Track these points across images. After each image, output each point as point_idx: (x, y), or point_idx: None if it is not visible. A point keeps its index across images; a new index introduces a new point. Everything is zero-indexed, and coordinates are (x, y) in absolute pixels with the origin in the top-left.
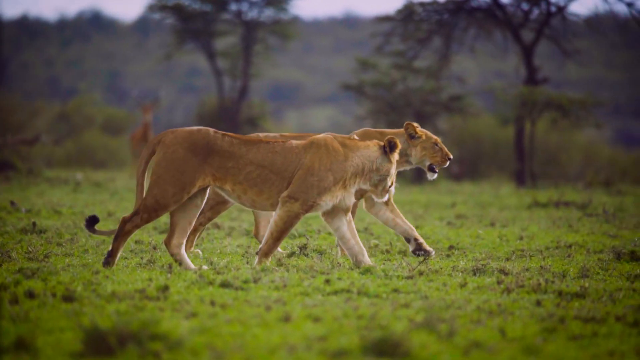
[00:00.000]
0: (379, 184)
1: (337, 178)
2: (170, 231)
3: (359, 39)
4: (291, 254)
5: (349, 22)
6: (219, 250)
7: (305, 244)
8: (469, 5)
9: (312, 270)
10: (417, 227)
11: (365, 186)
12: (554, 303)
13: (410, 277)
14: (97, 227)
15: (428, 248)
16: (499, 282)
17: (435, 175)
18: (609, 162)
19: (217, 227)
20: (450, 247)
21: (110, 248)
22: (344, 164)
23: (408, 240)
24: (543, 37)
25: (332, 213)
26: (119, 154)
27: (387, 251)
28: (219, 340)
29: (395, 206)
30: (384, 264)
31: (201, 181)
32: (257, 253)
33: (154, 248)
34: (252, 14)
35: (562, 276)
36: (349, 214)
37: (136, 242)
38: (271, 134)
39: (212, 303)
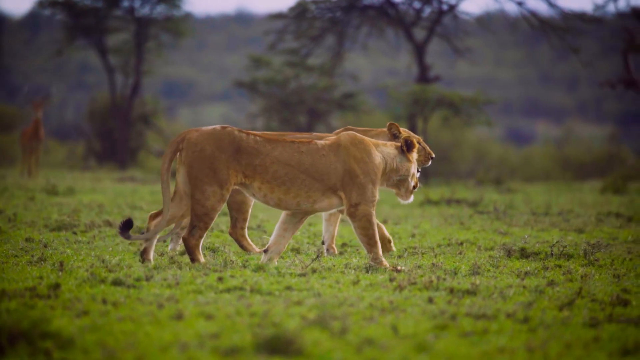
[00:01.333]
0: (401, 185)
1: (376, 168)
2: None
3: (252, 36)
4: (184, 252)
5: (242, 19)
6: (110, 248)
7: None
8: (361, 3)
9: (204, 268)
10: (310, 225)
11: (388, 185)
12: (446, 300)
13: (303, 275)
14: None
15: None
16: (391, 280)
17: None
18: (500, 160)
19: (109, 224)
20: (343, 245)
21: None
22: (375, 156)
23: (324, 242)
24: (435, 36)
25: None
26: (9, 152)
27: None
28: (111, 339)
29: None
30: (276, 261)
31: (234, 178)
32: (372, 265)
33: (45, 246)
34: (144, 10)
35: (453, 273)
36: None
37: (27, 239)
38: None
39: (104, 301)
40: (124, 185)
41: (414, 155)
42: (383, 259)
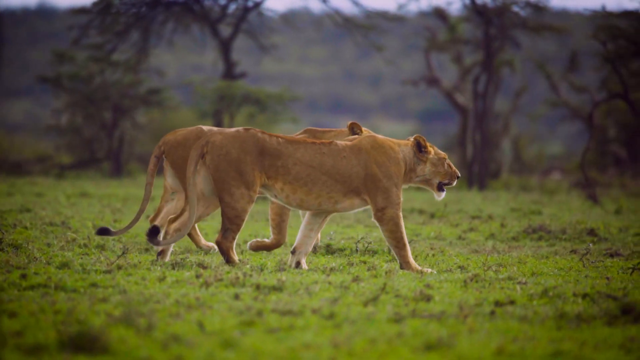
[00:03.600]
0: (426, 183)
1: (398, 170)
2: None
3: (55, 30)
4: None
5: (44, 13)
6: None
7: (0, 238)
8: None
9: (7, 265)
10: (115, 222)
11: (413, 184)
12: (252, 296)
13: (109, 272)
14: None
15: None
16: (197, 276)
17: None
18: None
19: None
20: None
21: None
22: (396, 158)
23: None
24: (240, 32)
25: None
26: None
27: (85, 245)
28: None
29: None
30: (82, 258)
31: (259, 179)
32: (401, 268)
33: None
34: None
35: (260, 270)
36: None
37: None
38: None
39: None
40: None
41: (426, 156)
42: (412, 262)
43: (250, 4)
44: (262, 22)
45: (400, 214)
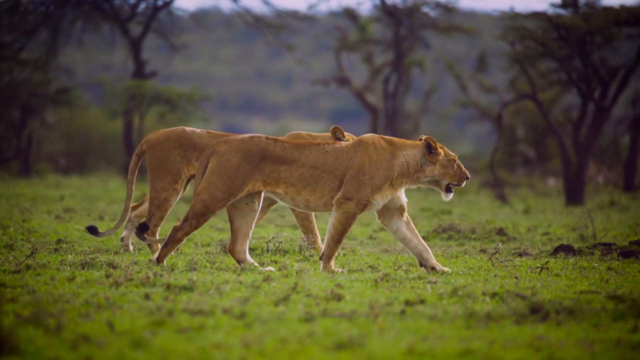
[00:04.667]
0: (435, 184)
1: (387, 176)
2: (233, 238)
3: None
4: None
5: None
6: None
7: None
8: None
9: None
10: (24, 222)
11: (421, 184)
12: (163, 296)
13: (17, 272)
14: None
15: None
16: (107, 276)
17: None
18: None
19: None
20: (59, 241)
21: (157, 255)
22: (391, 161)
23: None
24: (151, 31)
25: (389, 214)
26: None
27: None
28: None
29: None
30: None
31: (250, 187)
32: (320, 259)
33: None
34: None
35: (170, 269)
36: (406, 214)
37: None
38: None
39: None
40: None
41: (436, 157)
42: (332, 262)
43: (160, 3)
44: (172, 21)
45: (357, 214)
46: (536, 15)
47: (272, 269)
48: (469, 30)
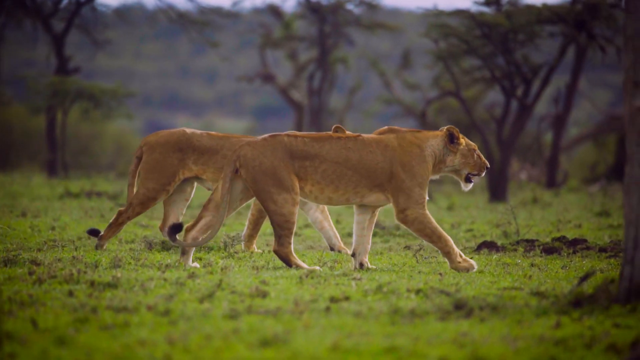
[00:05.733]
0: (455, 174)
1: (424, 169)
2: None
3: None
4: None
5: None
6: None
7: None
8: None
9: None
10: None
11: (443, 174)
12: (87, 293)
13: None
14: None
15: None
16: (30, 273)
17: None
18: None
19: None
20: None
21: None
22: (422, 154)
23: (331, 248)
24: (74, 27)
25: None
26: None
27: None
28: None
29: (325, 207)
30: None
31: (297, 181)
32: (452, 268)
33: None
34: None
35: (94, 266)
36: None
37: None
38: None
39: None
40: None
41: (457, 147)
42: (457, 256)
43: None
44: (95, 17)
45: (425, 212)
46: (459, 13)
47: (197, 265)
48: (393, 27)
